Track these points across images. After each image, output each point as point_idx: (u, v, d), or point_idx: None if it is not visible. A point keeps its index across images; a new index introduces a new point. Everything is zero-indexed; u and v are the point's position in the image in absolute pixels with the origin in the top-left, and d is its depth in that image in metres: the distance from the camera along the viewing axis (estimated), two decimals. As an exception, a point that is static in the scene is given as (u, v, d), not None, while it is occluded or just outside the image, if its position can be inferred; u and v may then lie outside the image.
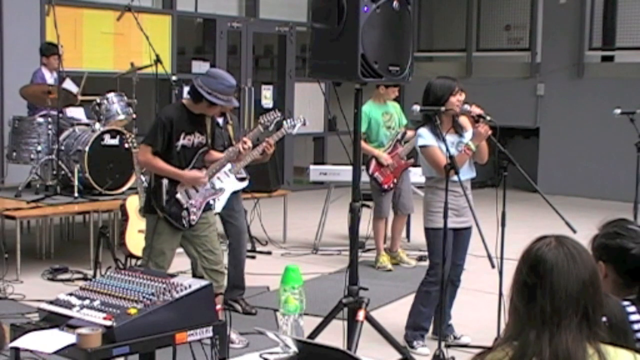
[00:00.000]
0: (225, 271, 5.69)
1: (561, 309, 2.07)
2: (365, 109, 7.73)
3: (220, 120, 6.04)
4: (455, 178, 4.89)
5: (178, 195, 5.18)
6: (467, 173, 5.37)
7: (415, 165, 7.54)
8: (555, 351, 2.04)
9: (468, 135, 5.40)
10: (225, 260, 6.32)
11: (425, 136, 5.33)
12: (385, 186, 7.77)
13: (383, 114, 7.80)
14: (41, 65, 8.57)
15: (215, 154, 5.40)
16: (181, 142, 5.12)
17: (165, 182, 5.14)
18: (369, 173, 7.72)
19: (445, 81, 5.42)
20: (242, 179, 6.35)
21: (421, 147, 5.37)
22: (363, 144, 7.61)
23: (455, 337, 5.62)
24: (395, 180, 7.78)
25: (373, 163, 7.74)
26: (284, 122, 6.16)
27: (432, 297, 5.43)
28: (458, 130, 5.43)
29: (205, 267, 5.34)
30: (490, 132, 5.16)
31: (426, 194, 5.51)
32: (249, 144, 5.43)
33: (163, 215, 5.15)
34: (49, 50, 8.59)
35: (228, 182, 6.17)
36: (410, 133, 7.66)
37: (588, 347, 2.06)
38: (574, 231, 4.15)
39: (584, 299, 2.08)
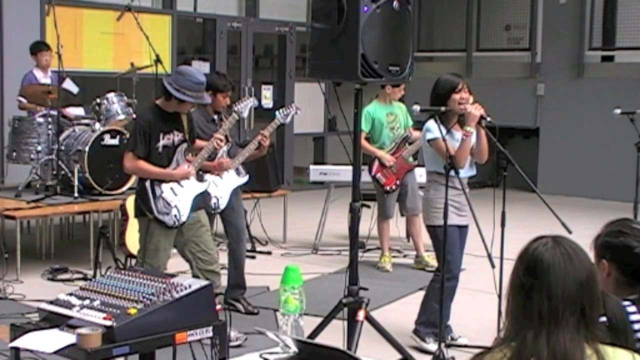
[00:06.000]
0: (221, 271, 5.70)
1: (558, 309, 2.06)
2: (370, 109, 7.74)
3: (215, 118, 6.06)
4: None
5: (164, 195, 5.19)
6: (467, 171, 5.37)
7: (419, 166, 7.50)
8: (553, 351, 2.03)
9: (473, 135, 5.39)
10: (225, 260, 6.34)
11: (433, 129, 5.25)
12: (388, 187, 7.75)
13: (387, 115, 7.77)
14: (34, 67, 8.58)
15: (200, 142, 5.43)
16: (161, 142, 5.16)
17: (148, 183, 5.16)
18: (371, 174, 7.70)
19: (449, 78, 5.42)
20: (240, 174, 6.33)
21: (429, 140, 5.31)
22: (366, 144, 7.61)
23: (452, 338, 5.59)
24: (398, 182, 7.75)
25: (375, 164, 7.72)
26: (277, 113, 6.17)
27: (445, 293, 5.42)
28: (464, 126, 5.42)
29: (200, 268, 5.35)
30: (482, 111, 5.15)
31: (428, 191, 5.45)
32: (220, 137, 5.44)
33: (153, 216, 5.16)
34: (36, 48, 8.62)
35: (228, 178, 6.16)
36: (416, 134, 7.61)
37: (586, 347, 2.06)
38: (570, 232, 4.15)
39: (581, 299, 2.08)
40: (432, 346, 5.43)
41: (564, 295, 2.07)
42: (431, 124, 5.30)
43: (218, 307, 3.53)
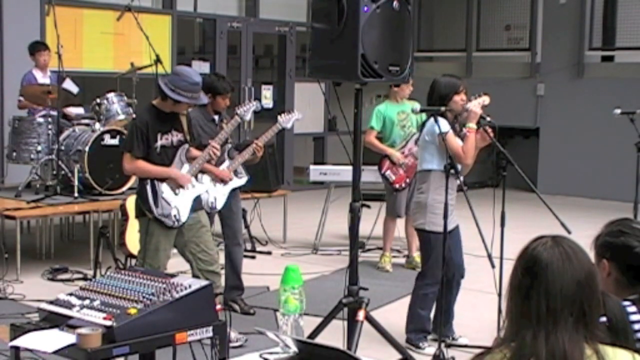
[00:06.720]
0: (222, 271, 5.69)
1: (557, 308, 2.06)
2: (381, 107, 7.79)
3: (215, 118, 6.07)
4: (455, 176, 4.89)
5: (164, 195, 5.19)
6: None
7: None
8: (552, 351, 2.03)
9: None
10: (222, 261, 6.33)
11: (443, 123, 5.15)
12: (397, 185, 7.73)
13: (399, 113, 7.75)
14: (34, 67, 8.58)
15: (195, 152, 5.43)
16: (159, 142, 5.16)
17: (148, 183, 5.16)
18: (380, 172, 7.71)
19: (451, 80, 5.41)
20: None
21: (445, 133, 5.11)
22: (377, 142, 7.67)
23: (453, 339, 5.59)
24: (407, 180, 7.74)
25: (386, 162, 7.73)
26: (279, 117, 6.21)
27: (430, 299, 5.43)
28: (457, 131, 5.41)
29: (200, 269, 5.35)
30: (480, 111, 5.16)
31: (425, 193, 5.39)
32: (216, 146, 5.44)
33: (153, 216, 5.16)
34: (34, 48, 8.62)
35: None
36: None
37: (586, 347, 2.05)
38: (569, 232, 4.16)
39: (580, 299, 2.07)
40: (428, 350, 5.42)
41: (562, 295, 2.07)
42: (437, 120, 5.22)
43: (218, 307, 3.53)
